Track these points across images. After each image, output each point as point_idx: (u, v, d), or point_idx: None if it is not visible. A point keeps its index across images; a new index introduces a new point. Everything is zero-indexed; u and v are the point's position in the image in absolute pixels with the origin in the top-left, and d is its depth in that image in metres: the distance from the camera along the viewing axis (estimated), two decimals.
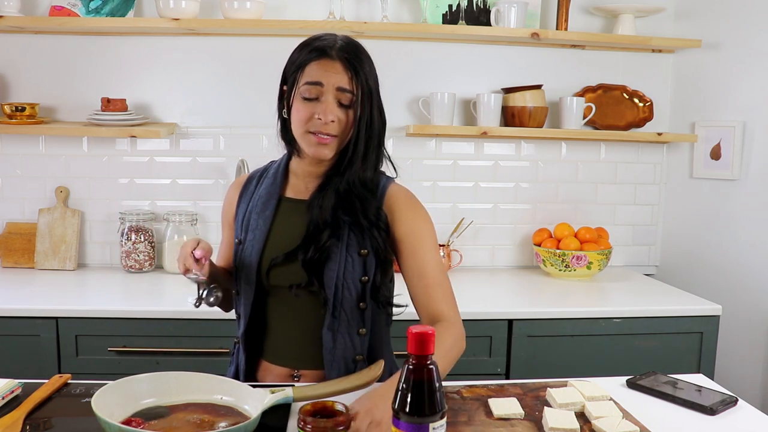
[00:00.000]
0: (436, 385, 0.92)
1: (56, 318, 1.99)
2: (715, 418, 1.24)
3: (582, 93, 2.64)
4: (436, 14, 2.52)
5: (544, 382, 1.37)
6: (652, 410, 1.26)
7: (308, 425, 1.01)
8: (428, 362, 0.92)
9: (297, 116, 1.31)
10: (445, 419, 0.93)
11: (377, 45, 1.47)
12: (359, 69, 1.30)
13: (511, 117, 2.53)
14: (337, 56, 1.29)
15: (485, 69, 2.61)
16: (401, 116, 2.58)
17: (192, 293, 1.40)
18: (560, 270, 2.50)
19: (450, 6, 2.52)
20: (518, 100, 2.50)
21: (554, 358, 2.13)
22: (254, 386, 1.20)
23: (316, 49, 1.30)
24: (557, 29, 2.53)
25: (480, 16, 2.53)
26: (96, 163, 2.53)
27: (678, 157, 2.72)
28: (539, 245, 2.57)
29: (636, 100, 2.66)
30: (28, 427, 1.11)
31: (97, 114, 2.35)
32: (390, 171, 1.43)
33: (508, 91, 2.54)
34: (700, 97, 2.61)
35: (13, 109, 2.33)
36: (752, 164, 2.45)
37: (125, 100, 2.39)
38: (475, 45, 2.60)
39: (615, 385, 1.38)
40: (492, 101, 2.48)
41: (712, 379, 1.61)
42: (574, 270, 2.48)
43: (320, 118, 1.29)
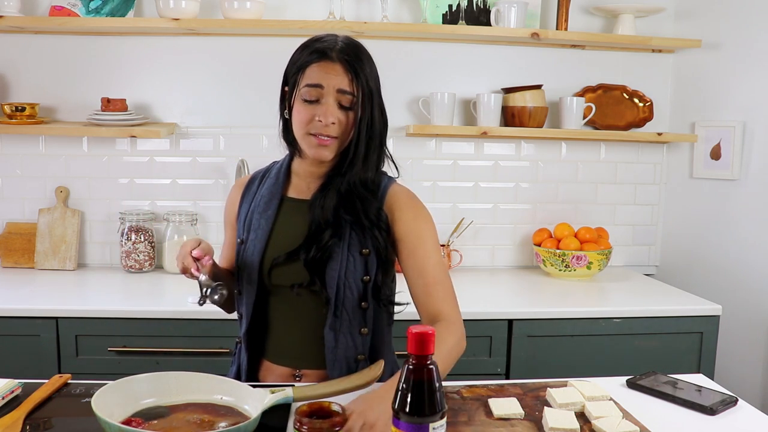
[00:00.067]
0: (436, 385, 0.92)
1: (56, 318, 1.99)
2: (715, 418, 1.24)
3: (582, 93, 2.64)
4: (436, 14, 2.52)
5: (544, 382, 1.37)
6: (652, 410, 1.26)
7: (304, 426, 1.01)
8: (428, 362, 0.92)
9: (297, 118, 1.32)
10: (445, 419, 0.93)
11: (377, 45, 1.47)
12: (359, 70, 1.30)
13: (511, 117, 2.53)
14: (337, 58, 1.29)
15: (485, 69, 2.61)
16: (401, 116, 2.58)
17: (193, 293, 1.40)
18: (560, 270, 2.50)
19: (450, 6, 2.52)
20: (518, 100, 2.50)
21: (554, 358, 2.13)
22: (254, 386, 1.20)
23: (317, 50, 1.30)
24: (557, 29, 2.53)
25: (480, 16, 2.53)
26: (96, 163, 2.53)
27: (678, 157, 2.72)
28: (539, 245, 2.57)
29: (636, 100, 2.66)
30: (28, 427, 1.11)
31: (97, 114, 2.35)
32: (392, 171, 1.43)
33: (508, 91, 2.54)
34: (700, 97, 2.61)
35: (13, 109, 2.33)
36: (752, 164, 2.45)
37: (125, 100, 2.39)
38: (475, 45, 2.60)
39: (615, 385, 1.38)
40: (492, 101, 2.48)
41: (712, 379, 1.61)
42: (574, 270, 2.48)
43: (320, 120, 1.29)
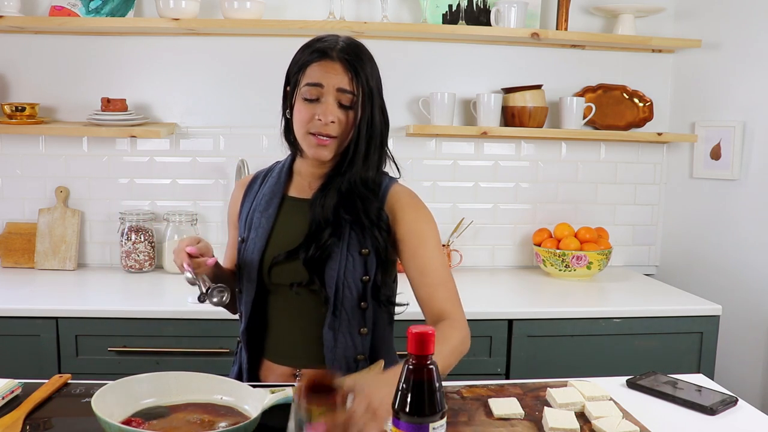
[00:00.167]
0: (436, 385, 0.92)
1: (56, 318, 1.99)
2: (715, 418, 1.24)
3: (582, 93, 2.64)
4: (436, 14, 2.52)
5: (544, 382, 1.37)
6: (652, 410, 1.26)
7: (302, 399, 0.99)
8: (428, 362, 0.92)
9: (298, 117, 1.32)
10: (445, 419, 0.93)
11: (377, 45, 1.47)
12: (360, 70, 1.30)
13: (511, 117, 2.53)
14: (337, 57, 1.29)
15: (485, 69, 2.61)
16: (401, 116, 2.58)
17: (193, 293, 1.40)
18: (560, 270, 2.50)
19: (450, 6, 2.52)
20: (518, 100, 2.50)
21: (554, 358, 2.13)
22: (254, 386, 1.20)
23: (318, 50, 1.31)
24: (557, 29, 2.53)
25: (480, 16, 2.53)
26: (96, 163, 2.53)
27: (678, 157, 2.72)
28: (539, 245, 2.57)
29: (636, 100, 2.66)
30: (28, 427, 1.11)
31: (97, 114, 2.35)
32: (393, 171, 1.43)
33: (508, 91, 2.54)
34: (700, 97, 2.61)
35: (13, 109, 2.33)
36: (752, 164, 2.45)
37: (125, 100, 2.39)
38: (475, 45, 2.60)
39: (615, 385, 1.38)
40: (492, 101, 2.48)
41: (712, 379, 1.61)
42: (574, 270, 2.48)
43: (320, 119, 1.29)
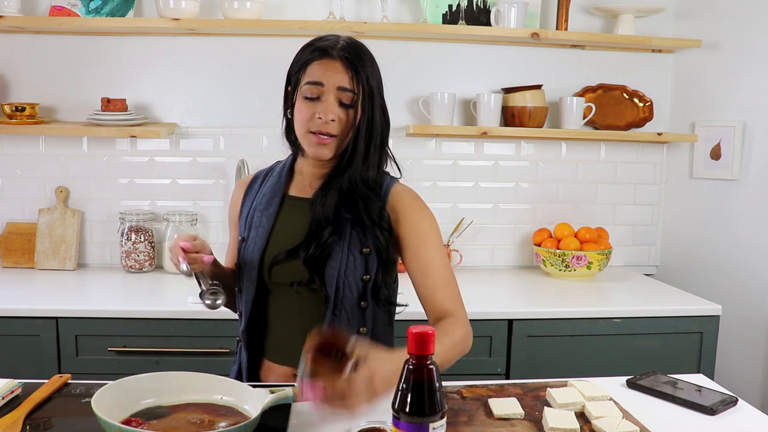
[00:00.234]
0: (436, 385, 0.92)
1: (56, 318, 1.99)
2: (715, 418, 1.24)
3: (582, 93, 2.64)
4: (436, 14, 2.52)
5: (544, 382, 1.37)
6: (652, 410, 1.26)
7: (309, 355, 0.99)
8: (428, 362, 0.92)
9: (299, 116, 1.32)
10: (445, 419, 0.93)
11: (377, 45, 1.47)
12: (360, 69, 1.30)
13: (511, 117, 2.53)
14: (337, 56, 1.30)
15: (485, 69, 2.61)
16: (401, 116, 2.58)
17: (193, 293, 1.40)
18: (560, 270, 2.50)
19: (450, 6, 2.52)
20: (518, 100, 2.50)
21: (554, 358, 2.12)
22: (254, 386, 1.20)
23: (318, 49, 1.31)
24: (557, 29, 2.53)
25: (480, 16, 2.53)
26: (96, 163, 2.53)
27: (678, 157, 2.72)
28: (539, 245, 2.57)
29: (636, 100, 2.65)
30: (28, 427, 1.11)
31: (97, 114, 2.35)
32: (394, 171, 1.43)
33: (508, 91, 2.54)
34: (700, 97, 2.61)
35: (13, 109, 2.33)
36: (752, 164, 2.44)
37: (125, 100, 2.39)
38: (475, 45, 2.60)
39: (615, 385, 1.38)
40: (492, 101, 2.48)
41: (712, 379, 1.61)
42: (574, 270, 2.48)
43: (321, 117, 1.29)
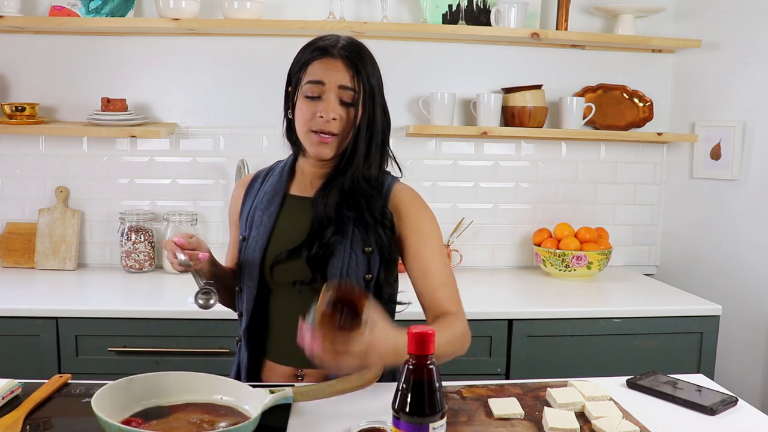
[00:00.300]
0: (436, 385, 0.92)
1: (56, 318, 1.99)
2: (715, 418, 1.24)
3: (582, 93, 2.64)
4: (436, 14, 2.52)
5: (544, 382, 1.37)
6: (652, 410, 1.26)
7: (322, 305, 1.00)
8: (428, 362, 0.92)
9: (300, 115, 1.32)
10: (445, 419, 0.93)
11: (377, 45, 1.47)
12: (361, 67, 1.31)
13: (511, 117, 2.53)
14: (338, 55, 1.30)
15: (485, 69, 2.61)
16: (401, 116, 2.58)
17: (193, 293, 1.40)
18: (560, 270, 2.50)
19: (450, 6, 2.52)
20: (518, 100, 2.50)
21: (554, 358, 2.12)
22: (254, 386, 1.20)
23: (319, 48, 1.32)
24: (557, 29, 2.53)
25: (480, 16, 2.53)
26: (96, 163, 2.53)
27: (678, 157, 2.72)
28: (539, 245, 2.57)
29: (636, 100, 2.65)
30: (28, 427, 1.11)
31: (97, 114, 2.35)
32: (395, 171, 1.44)
33: (508, 91, 2.54)
34: (700, 97, 2.61)
35: (13, 109, 2.33)
36: (752, 164, 2.44)
37: (125, 100, 2.39)
38: (475, 45, 2.60)
39: (615, 385, 1.38)
40: (492, 101, 2.48)
41: (712, 379, 1.61)
42: (574, 270, 2.48)
43: (322, 116, 1.29)
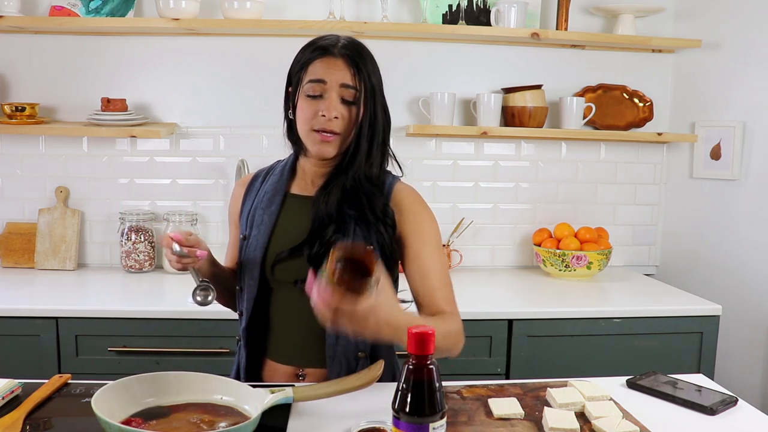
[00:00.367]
0: (436, 385, 0.92)
1: (56, 318, 1.99)
2: (715, 418, 1.24)
3: (582, 93, 2.64)
4: (436, 14, 2.52)
5: (544, 382, 1.37)
6: (652, 410, 1.26)
7: (332, 262, 1.01)
8: (428, 362, 0.93)
9: (302, 115, 1.32)
10: (445, 419, 0.93)
11: (377, 45, 1.47)
12: (362, 66, 1.31)
13: (511, 117, 2.53)
14: (339, 54, 1.30)
15: (485, 69, 2.61)
16: (401, 116, 2.58)
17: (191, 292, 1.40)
18: (560, 270, 2.50)
19: (450, 6, 2.52)
20: (518, 100, 2.50)
21: (554, 358, 2.12)
22: (254, 386, 1.20)
23: (319, 47, 1.32)
24: (557, 29, 2.53)
25: (480, 16, 2.53)
26: (96, 163, 2.53)
27: (678, 157, 2.72)
28: (539, 245, 2.57)
29: (636, 100, 2.65)
30: (28, 427, 1.11)
31: (97, 114, 2.35)
32: (396, 170, 1.44)
33: (508, 91, 2.54)
34: (700, 97, 2.61)
35: (13, 109, 2.33)
36: (752, 164, 2.44)
37: (125, 100, 2.39)
38: (475, 45, 2.60)
39: (615, 385, 1.38)
40: (492, 101, 2.48)
41: (712, 379, 1.61)
42: (574, 270, 2.48)
43: (324, 115, 1.29)
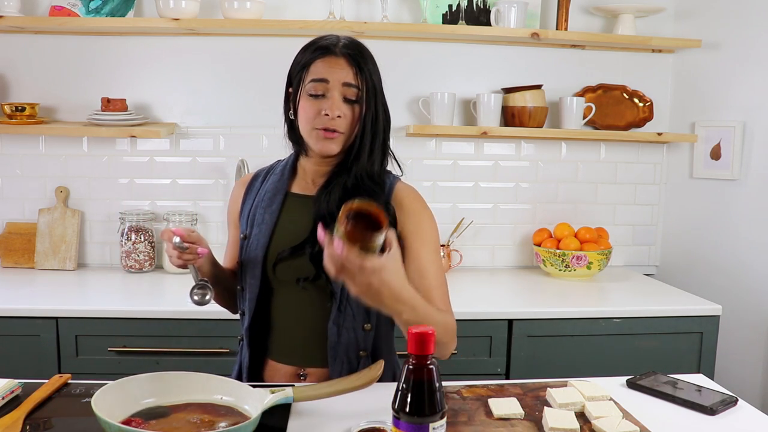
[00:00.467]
0: (436, 385, 0.92)
1: (56, 318, 1.99)
2: (715, 418, 1.24)
3: (582, 93, 2.64)
4: (436, 14, 2.52)
5: (544, 382, 1.37)
6: (652, 410, 1.26)
7: (343, 217, 1.01)
8: (428, 362, 0.93)
9: (304, 114, 1.33)
10: (445, 419, 0.93)
11: (377, 45, 1.47)
12: (363, 65, 1.32)
13: (511, 117, 2.53)
14: (340, 53, 1.31)
15: (485, 69, 2.61)
16: (401, 116, 2.58)
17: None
18: (560, 270, 2.50)
19: (450, 6, 2.52)
20: (518, 100, 2.50)
21: (554, 358, 2.13)
22: (254, 386, 1.20)
23: (321, 47, 1.32)
24: (557, 29, 2.53)
25: (480, 16, 2.53)
26: (96, 163, 2.53)
27: (678, 157, 2.72)
28: (539, 245, 2.57)
29: (636, 100, 2.65)
30: (28, 427, 1.11)
31: (97, 114, 2.35)
32: (395, 170, 1.44)
33: (508, 91, 2.54)
34: (700, 97, 2.61)
35: (13, 109, 2.33)
36: (752, 164, 2.44)
37: (125, 100, 2.39)
38: (475, 45, 2.60)
39: (615, 385, 1.38)
40: (492, 101, 2.48)
41: (712, 379, 1.61)
42: (574, 270, 2.48)
43: (327, 114, 1.30)
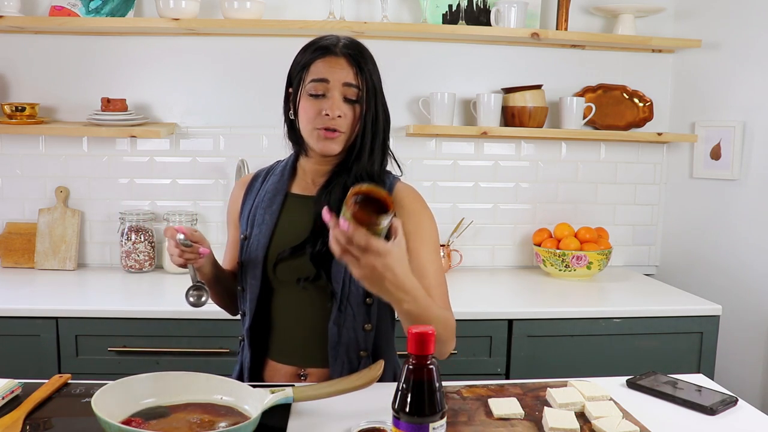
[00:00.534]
0: (436, 385, 0.92)
1: (56, 318, 1.99)
2: (715, 418, 1.24)
3: (582, 93, 2.64)
4: (436, 14, 2.52)
5: (544, 382, 1.37)
6: (652, 410, 1.26)
7: (351, 200, 1.02)
8: (428, 362, 0.93)
9: (304, 115, 1.33)
10: (445, 419, 0.93)
11: (377, 45, 1.47)
12: (363, 65, 1.32)
13: (511, 117, 2.53)
14: (341, 53, 1.31)
15: (485, 69, 2.61)
16: (401, 116, 2.58)
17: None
18: (560, 270, 2.50)
19: (450, 6, 2.52)
20: (518, 100, 2.50)
21: (554, 358, 2.13)
22: (254, 386, 1.20)
23: (321, 47, 1.32)
24: (557, 29, 2.53)
25: (480, 16, 2.53)
26: (96, 163, 2.53)
27: (678, 157, 2.72)
28: (539, 245, 2.57)
29: (636, 100, 2.66)
30: (28, 427, 1.11)
31: (97, 114, 2.35)
32: (395, 170, 1.44)
33: (508, 91, 2.54)
34: (700, 97, 2.61)
35: (13, 109, 2.33)
36: (752, 164, 2.44)
37: (125, 100, 2.39)
38: (475, 45, 2.60)
39: (615, 385, 1.38)
40: (492, 101, 2.48)
41: (712, 379, 1.61)
42: (574, 270, 2.48)
43: (327, 114, 1.30)
